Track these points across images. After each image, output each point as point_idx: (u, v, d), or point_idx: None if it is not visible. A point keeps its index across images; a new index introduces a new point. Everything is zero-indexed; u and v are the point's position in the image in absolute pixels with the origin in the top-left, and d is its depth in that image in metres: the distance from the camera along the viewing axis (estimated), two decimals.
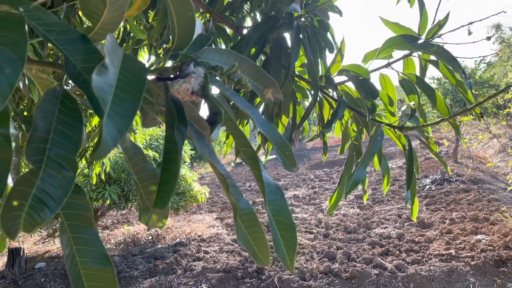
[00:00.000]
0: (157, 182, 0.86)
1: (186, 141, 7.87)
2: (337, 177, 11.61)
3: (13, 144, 0.49)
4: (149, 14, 2.14)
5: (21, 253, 5.78)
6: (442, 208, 6.77)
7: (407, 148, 1.18)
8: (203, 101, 0.92)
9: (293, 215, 7.42)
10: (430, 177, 8.93)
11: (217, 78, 0.59)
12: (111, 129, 0.42)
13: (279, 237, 0.55)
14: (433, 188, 8.23)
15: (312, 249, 5.47)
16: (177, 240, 6.65)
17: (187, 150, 7.60)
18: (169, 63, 0.63)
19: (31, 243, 7.91)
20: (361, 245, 5.46)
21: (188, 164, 8.43)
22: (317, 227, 6.66)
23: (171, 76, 0.52)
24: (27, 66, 0.68)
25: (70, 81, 0.67)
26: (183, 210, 7.70)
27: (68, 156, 0.51)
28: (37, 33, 0.55)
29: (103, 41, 0.64)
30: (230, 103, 1.24)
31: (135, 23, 2.02)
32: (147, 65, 0.60)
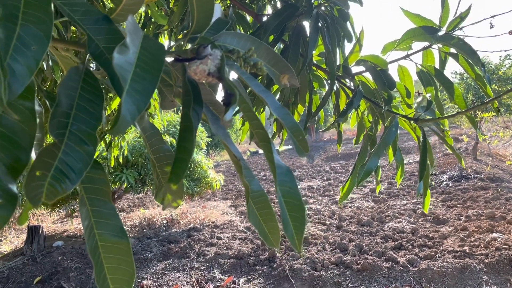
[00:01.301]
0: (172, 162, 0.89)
1: (203, 129, 7.91)
2: None
3: (37, 120, 0.52)
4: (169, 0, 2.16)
5: (40, 231, 5.96)
6: (458, 205, 6.69)
7: (422, 140, 1.17)
8: (220, 85, 0.93)
9: (307, 206, 7.43)
10: (448, 173, 8.80)
11: (234, 61, 0.60)
12: (130, 106, 0.44)
13: (288, 217, 0.56)
14: (450, 185, 8.11)
15: (324, 240, 5.49)
16: (191, 225, 6.75)
17: (203, 137, 7.66)
18: (188, 47, 0.64)
19: (49, 222, 8.14)
20: (373, 238, 5.45)
21: (205, 151, 8.50)
22: (330, 218, 6.66)
23: (189, 57, 0.54)
24: (52, 44, 0.71)
25: (92, 62, 0.70)
26: (198, 196, 7.80)
27: (89, 131, 0.53)
28: (62, 12, 0.58)
29: (124, 24, 0.66)
30: (248, 90, 1.25)
31: (156, 9, 2.04)
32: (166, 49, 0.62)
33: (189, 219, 7.19)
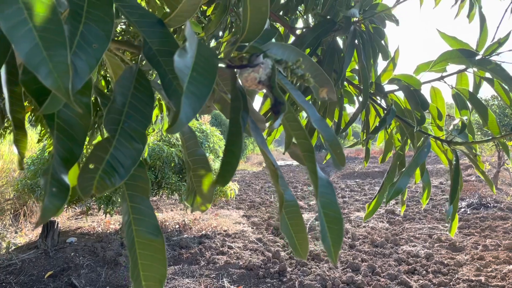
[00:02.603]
0: (206, 166, 0.91)
1: (221, 137, 7.95)
2: (369, 189, 11.40)
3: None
4: (204, 8, 2.21)
5: (55, 226, 6.05)
6: (476, 233, 6.53)
7: (454, 163, 1.16)
8: (256, 94, 0.95)
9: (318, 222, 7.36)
10: (467, 200, 8.62)
11: (281, 71, 0.62)
12: (186, 107, 0.45)
13: (326, 229, 0.57)
14: (468, 212, 7.94)
15: None
16: (203, 232, 6.76)
17: (222, 145, 7.70)
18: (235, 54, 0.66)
19: (65, 218, 8.26)
20: (387, 260, 5.36)
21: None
22: (343, 237, 6.58)
23: (242, 65, 0.55)
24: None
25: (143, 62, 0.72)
26: (211, 204, 7.81)
27: (139, 129, 0.55)
28: (121, 13, 0.60)
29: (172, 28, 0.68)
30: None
31: None
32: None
33: (201, 225, 7.20)
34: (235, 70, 0.56)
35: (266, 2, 0.55)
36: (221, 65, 0.60)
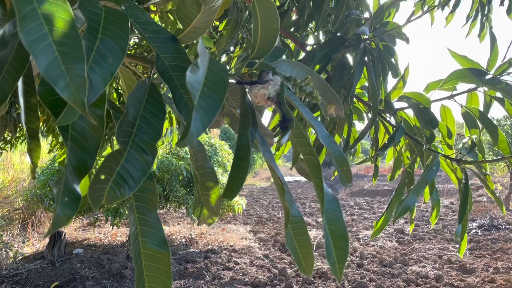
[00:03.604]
0: (214, 179, 0.91)
1: (230, 151, 7.96)
2: (378, 208, 11.28)
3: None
4: (216, 24, 2.24)
5: (62, 236, 6.07)
6: (487, 255, 6.40)
7: (463, 182, 1.15)
8: (265, 109, 0.96)
9: None
10: (478, 221, 8.47)
11: (289, 88, 0.63)
12: (196, 122, 0.46)
13: (331, 245, 0.57)
14: (479, 233, 7.80)
15: (343, 277, 5.34)
16: (209, 246, 6.73)
17: (230, 160, 7.71)
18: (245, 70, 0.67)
19: (72, 229, 8.29)
20: (395, 280, 5.26)
21: None
22: (351, 255, 6.50)
23: (251, 81, 0.56)
24: None
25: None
26: (218, 218, 7.79)
27: (150, 142, 0.56)
28: (135, 29, 0.62)
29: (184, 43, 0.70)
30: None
31: None
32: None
33: (208, 240, 7.17)
34: (245, 86, 0.57)
35: (276, 20, 0.56)
36: (231, 81, 0.61)
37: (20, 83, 0.68)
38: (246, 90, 0.57)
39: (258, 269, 5.59)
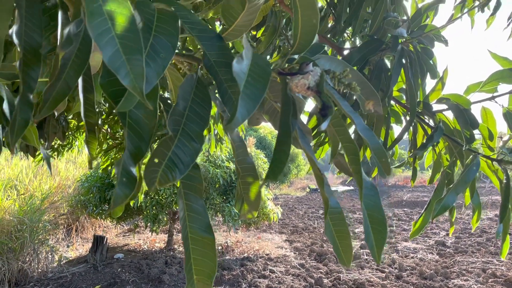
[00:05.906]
0: (253, 175, 0.95)
1: (266, 160, 7.98)
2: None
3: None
4: (254, 33, 2.30)
5: (104, 241, 6.30)
6: None
7: (505, 181, 1.13)
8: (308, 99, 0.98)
9: (365, 250, 7.13)
10: None
11: (328, 81, 0.65)
12: (242, 108, 0.50)
13: (370, 229, 0.59)
14: None
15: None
16: (245, 254, 6.76)
17: (266, 168, 7.75)
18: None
19: (113, 235, 8.58)
20: None
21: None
22: (390, 266, 6.33)
23: (293, 72, 0.60)
24: None
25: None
26: (254, 227, 7.82)
27: (198, 131, 0.60)
28: (184, 28, 0.67)
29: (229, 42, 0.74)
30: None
31: None
32: None
33: (244, 248, 7.21)
34: (287, 77, 0.60)
35: (316, 15, 0.60)
36: (272, 75, 0.65)
37: (80, 81, 0.74)
38: (287, 81, 0.60)
39: (294, 278, 5.56)
